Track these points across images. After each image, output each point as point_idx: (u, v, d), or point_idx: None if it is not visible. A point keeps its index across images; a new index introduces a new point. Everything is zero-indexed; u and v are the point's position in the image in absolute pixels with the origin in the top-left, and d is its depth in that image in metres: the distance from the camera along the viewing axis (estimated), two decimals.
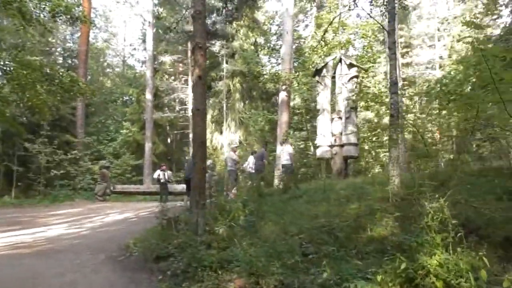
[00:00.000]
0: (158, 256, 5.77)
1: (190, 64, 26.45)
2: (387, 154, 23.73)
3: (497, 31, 22.49)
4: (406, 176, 9.09)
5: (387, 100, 22.64)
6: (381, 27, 11.97)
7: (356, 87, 13.13)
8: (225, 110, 25.10)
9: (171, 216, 7.22)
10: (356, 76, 13.05)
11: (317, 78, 13.54)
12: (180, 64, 29.33)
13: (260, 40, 27.60)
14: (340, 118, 12.80)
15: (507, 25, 20.26)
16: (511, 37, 18.48)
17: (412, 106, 20.93)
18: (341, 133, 12.70)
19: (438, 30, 28.37)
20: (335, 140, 12.73)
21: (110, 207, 16.24)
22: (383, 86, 22.16)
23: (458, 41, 27.57)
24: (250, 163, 13.85)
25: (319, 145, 12.96)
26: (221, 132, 26.47)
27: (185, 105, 27.97)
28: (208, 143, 26.41)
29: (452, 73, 19.83)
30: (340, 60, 13.10)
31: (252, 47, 26.33)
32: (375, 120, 23.62)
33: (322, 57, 21.69)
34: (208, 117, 26.32)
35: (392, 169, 7.13)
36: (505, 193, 5.88)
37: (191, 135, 26.91)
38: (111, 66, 40.56)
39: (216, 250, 5.45)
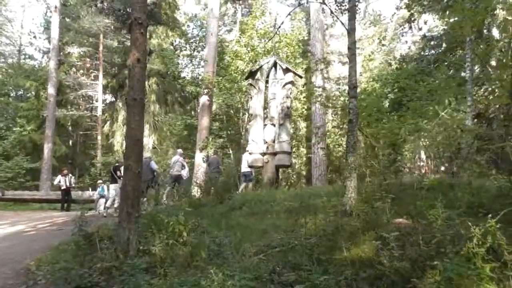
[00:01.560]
0: (78, 286, 4.35)
1: (101, 58, 24.07)
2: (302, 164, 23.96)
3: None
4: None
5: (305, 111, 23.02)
6: (341, 24, 11.74)
7: (291, 93, 12.63)
8: None
9: (92, 231, 5.77)
10: (292, 82, 12.56)
11: (250, 81, 12.76)
12: (88, 59, 26.63)
13: (181, 41, 26.22)
14: (273, 124, 12.15)
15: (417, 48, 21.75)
16: (424, 56, 19.84)
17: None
18: (273, 141, 12.04)
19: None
20: (267, 147, 12.02)
21: None
22: (303, 97, 22.39)
23: (370, 60, 29.21)
24: (185, 171, 12.56)
25: (251, 152, 12.14)
26: None
27: (93, 102, 25.35)
28: (117, 147, 24.18)
29: (367, 89, 20.71)
30: (275, 64, 12.50)
31: (172, 47, 24.87)
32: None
33: (247, 62, 21.24)
34: (120, 118, 24.15)
35: (349, 179, 6.55)
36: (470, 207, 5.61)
37: (99, 137, 24.42)
38: (2, 55, 35.49)
39: (158, 278, 4.25)
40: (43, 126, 21.75)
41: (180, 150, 13.69)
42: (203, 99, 18.73)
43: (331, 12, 7.18)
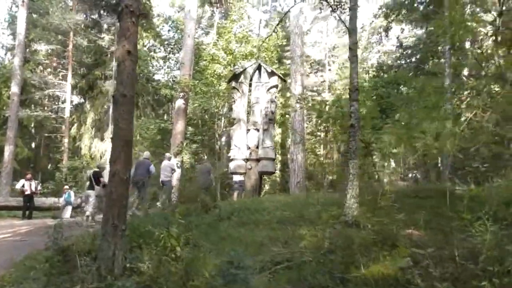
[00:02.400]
0: None
1: (70, 57, 22.85)
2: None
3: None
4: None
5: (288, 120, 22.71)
6: (343, 24, 11.21)
7: (275, 97, 12.20)
8: (111, 114, 22.09)
9: (68, 244, 5.06)
10: (276, 86, 12.14)
11: (233, 84, 12.24)
12: (55, 58, 25.25)
13: (155, 43, 25.36)
14: (257, 129, 11.66)
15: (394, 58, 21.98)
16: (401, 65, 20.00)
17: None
18: (257, 146, 11.55)
19: (330, 56, 29.76)
20: (250, 153, 11.52)
21: None
22: (280, 103, 22.09)
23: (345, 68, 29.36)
24: (177, 174, 11.71)
25: (233, 158, 11.59)
26: (102, 139, 23.25)
27: (59, 103, 24.02)
28: (85, 151, 22.97)
29: (344, 97, 20.64)
30: (259, 67, 12.05)
31: (145, 49, 23.98)
32: None
33: (224, 66, 20.72)
34: (89, 120, 22.99)
35: (350, 187, 6.13)
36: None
37: (65, 140, 23.07)
38: None
39: None
40: (4, 126, 20.27)
41: (168, 154, 12.86)
42: (179, 102, 18.02)
43: (333, 10, 6.79)
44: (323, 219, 6.50)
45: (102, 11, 7.31)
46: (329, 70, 30.09)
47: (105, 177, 10.88)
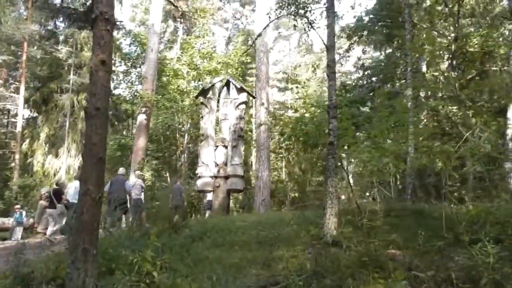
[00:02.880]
0: None
1: (24, 69, 21.65)
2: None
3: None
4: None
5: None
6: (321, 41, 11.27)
7: (244, 114, 12.04)
8: (67, 129, 21.04)
9: (29, 271, 4.56)
10: (245, 103, 11.99)
11: (201, 99, 11.96)
12: (5, 70, 23.87)
13: (115, 57, 24.61)
14: (225, 146, 11.41)
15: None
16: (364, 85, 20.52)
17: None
18: (225, 163, 11.28)
19: (292, 75, 30.16)
20: (218, 170, 11.22)
21: None
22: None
23: (305, 87, 29.84)
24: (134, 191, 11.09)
25: (201, 175, 11.24)
26: (56, 155, 22.04)
27: (10, 117, 22.61)
28: (38, 168, 21.66)
29: (307, 115, 20.87)
30: (228, 83, 11.88)
31: None
32: None
33: (188, 81, 20.41)
34: (42, 135, 21.74)
35: (329, 206, 6.01)
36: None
37: (16, 156, 21.65)
38: None
39: None
40: None
41: (138, 172, 12.42)
42: (141, 117, 17.52)
43: (311, 27, 6.77)
44: (302, 239, 6.34)
45: (67, 20, 6.86)
46: (291, 89, 30.47)
47: (70, 195, 10.25)
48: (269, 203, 18.78)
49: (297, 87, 25.53)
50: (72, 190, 10.33)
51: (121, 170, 10.99)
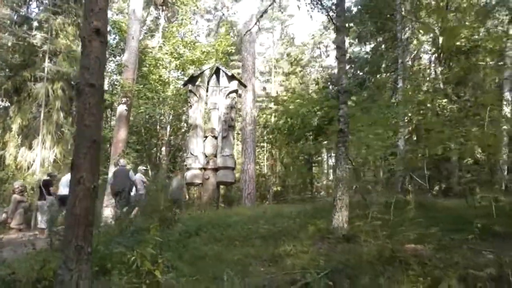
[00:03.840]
0: None
1: None
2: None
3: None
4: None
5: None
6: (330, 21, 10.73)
7: (235, 103, 11.51)
8: (42, 120, 19.91)
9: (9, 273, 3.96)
10: (236, 91, 11.46)
11: (190, 87, 11.35)
12: None
13: None
14: (215, 136, 10.88)
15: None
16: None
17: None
18: (215, 155, 10.76)
19: (274, 67, 29.75)
20: (207, 162, 10.69)
21: None
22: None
23: (287, 80, 29.50)
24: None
25: (189, 167, 10.68)
26: (30, 148, 20.84)
27: None
28: (10, 161, 20.47)
29: (291, 107, 20.55)
30: (217, 71, 11.33)
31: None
32: None
33: (170, 71, 19.70)
34: (15, 127, 20.51)
35: (339, 197, 5.60)
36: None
37: None
38: None
39: None
40: None
41: (141, 167, 12.04)
42: (121, 108, 16.68)
43: (321, 6, 6.31)
44: (308, 233, 5.92)
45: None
46: (274, 82, 30.09)
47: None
48: (255, 197, 18.38)
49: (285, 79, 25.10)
50: (63, 181, 9.88)
51: (122, 162, 10.69)
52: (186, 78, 17.88)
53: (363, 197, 6.72)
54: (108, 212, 12.41)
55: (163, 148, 23.42)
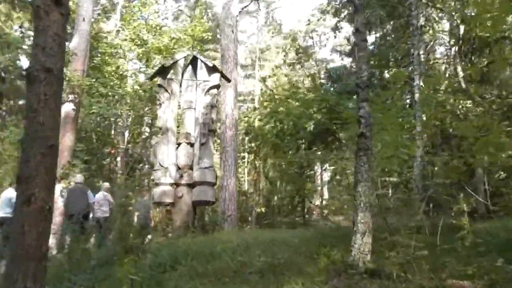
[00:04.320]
0: None
1: None
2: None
3: None
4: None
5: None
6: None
7: (216, 101, 11.26)
8: None
9: None
10: (218, 86, 11.20)
11: (160, 81, 11.03)
12: None
13: (31, 26, 23.01)
14: (190, 143, 10.58)
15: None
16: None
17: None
18: (191, 167, 10.45)
19: (258, 59, 29.68)
20: (181, 176, 10.37)
21: None
22: None
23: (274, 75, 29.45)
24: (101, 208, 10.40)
25: (158, 182, 10.32)
26: None
27: None
28: None
29: (281, 108, 20.47)
30: (194, 60, 11.07)
31: (19, 34, 21.59)
32: None
33: (130, 61, 19.35)
34: None
35: (360, 221, 5.38)
36: None
37: None
38: None
39: None
40: None
41: (106, 184, 12.24)
42: (67, 107, 16.09)
43: None
44: (318, 266, 5.70)
45: None
46: (260, 77, 29.97)
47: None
48: (236, 219, 18.02)
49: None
50: (3, 200, 9.57)
51: (79, 178, 10.74)
52: (150, 71, 17.65)
53: (385, 220, 6.52)
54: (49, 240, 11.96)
55: (119, 159, 22.88)
